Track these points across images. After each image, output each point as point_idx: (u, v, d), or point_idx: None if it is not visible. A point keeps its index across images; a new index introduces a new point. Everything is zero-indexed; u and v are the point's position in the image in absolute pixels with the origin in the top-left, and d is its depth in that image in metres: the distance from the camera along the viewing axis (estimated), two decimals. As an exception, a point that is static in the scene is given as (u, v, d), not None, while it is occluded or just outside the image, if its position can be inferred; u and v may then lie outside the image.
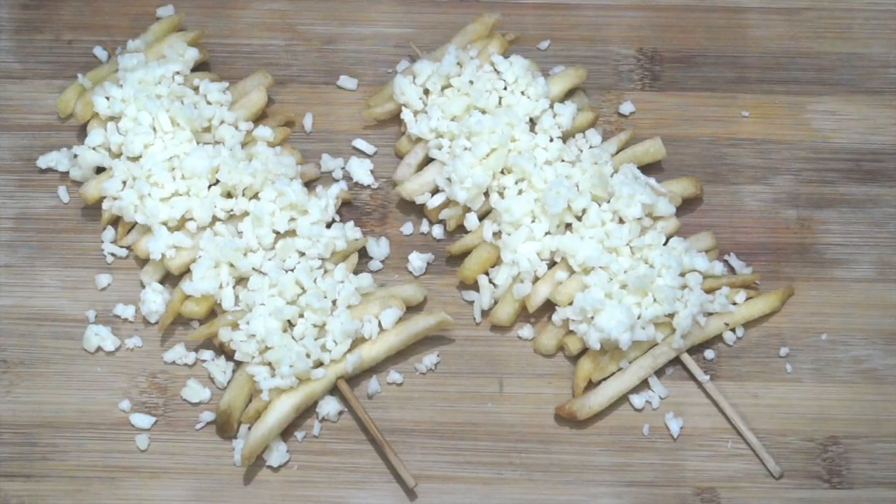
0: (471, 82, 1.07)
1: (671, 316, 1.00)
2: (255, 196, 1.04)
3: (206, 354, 1.02)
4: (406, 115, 1.09)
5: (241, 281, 1.02)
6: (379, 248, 1.06)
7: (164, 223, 1.03)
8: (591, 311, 0.99)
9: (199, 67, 1.13)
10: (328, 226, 1.04)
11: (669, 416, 1.00)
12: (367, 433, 1.00)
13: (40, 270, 1.06)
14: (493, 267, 1.04)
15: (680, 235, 1.05)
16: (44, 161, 1.09)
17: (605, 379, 1.00)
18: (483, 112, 1.07)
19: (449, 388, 1.02)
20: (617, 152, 1.08)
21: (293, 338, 0.99)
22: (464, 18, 1.14)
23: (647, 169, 1.08)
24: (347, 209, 1.08)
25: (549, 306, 1.03)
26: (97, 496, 0.97)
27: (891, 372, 1.03)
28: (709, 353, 1.03)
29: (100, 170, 1.07)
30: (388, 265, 1.07)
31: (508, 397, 1.02)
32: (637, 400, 1.01)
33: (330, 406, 1.00)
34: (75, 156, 1.07)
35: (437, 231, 1.08)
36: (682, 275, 1.02)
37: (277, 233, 1.03)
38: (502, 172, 1.05)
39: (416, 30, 1.16)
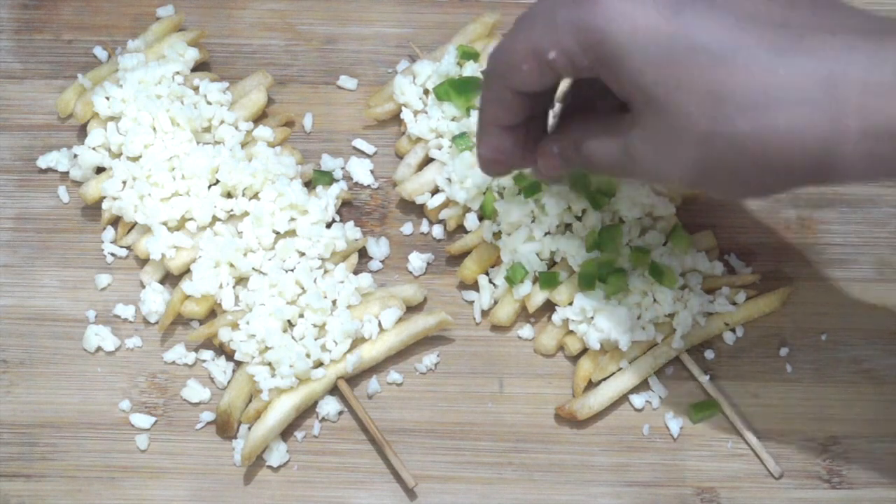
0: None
1: (671, 316, 1.01)
2: (255, 196, 1.04)
3: (206, 354, 1.02)
4: (406, 115, 1.09)
5: (241, 281, 1.02)
6: (379, 248, 1.06)
7: (164, 223, 1.03)
8: (590, 311, 0.99)
9: (199, 67, 1.12)
10: (328, 226, 1.04)
11: (669, 416, 1.00)
12: (367, 433, 1.00)
13: (40, 270, 1.06)
14: (493, 267, 1.04)
15: (680, 235, 1.05)
16: (44, 161, 1.09)
17: (605, 379, 1.00)
18: (483, 112, 1.06)
19: (449, 388, 1.02)
20: (617, 152, 1.08)
21: (293, 338, 0.99)
22: (464, 18, 1.14)
23: (647, 169, 1.08)
24: (347, 209, 1.08)
25: (549, 306, 1.03)
26: (97, 496, 0.98)
27: (891, 372, 1.03)
28: (709, 353, 1.03)
29: (100, 170, 1.07)
30: (388, 265, 1.07)
31: (508, 397, 1.02)
32: (637, 400, 1.01)
33: (330, 406, 1.00)
34: (75, 156, 1.07)
35: (437, 231, 1.07)
36: (683, 275, 1.02)
37: (277, 233, 1.03)
38: (502, 172, 1.05)
39: (416, 30, 1.16)
